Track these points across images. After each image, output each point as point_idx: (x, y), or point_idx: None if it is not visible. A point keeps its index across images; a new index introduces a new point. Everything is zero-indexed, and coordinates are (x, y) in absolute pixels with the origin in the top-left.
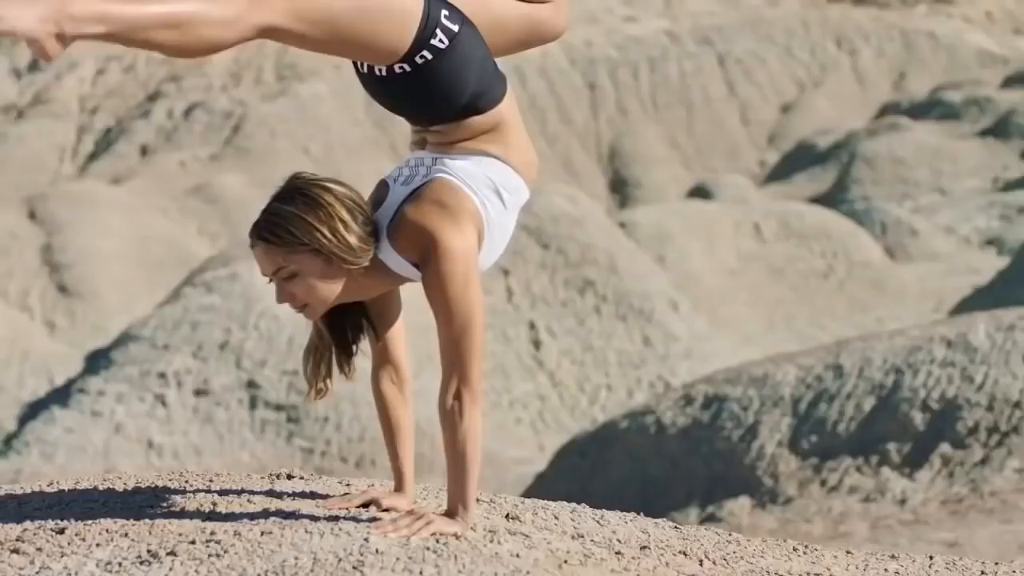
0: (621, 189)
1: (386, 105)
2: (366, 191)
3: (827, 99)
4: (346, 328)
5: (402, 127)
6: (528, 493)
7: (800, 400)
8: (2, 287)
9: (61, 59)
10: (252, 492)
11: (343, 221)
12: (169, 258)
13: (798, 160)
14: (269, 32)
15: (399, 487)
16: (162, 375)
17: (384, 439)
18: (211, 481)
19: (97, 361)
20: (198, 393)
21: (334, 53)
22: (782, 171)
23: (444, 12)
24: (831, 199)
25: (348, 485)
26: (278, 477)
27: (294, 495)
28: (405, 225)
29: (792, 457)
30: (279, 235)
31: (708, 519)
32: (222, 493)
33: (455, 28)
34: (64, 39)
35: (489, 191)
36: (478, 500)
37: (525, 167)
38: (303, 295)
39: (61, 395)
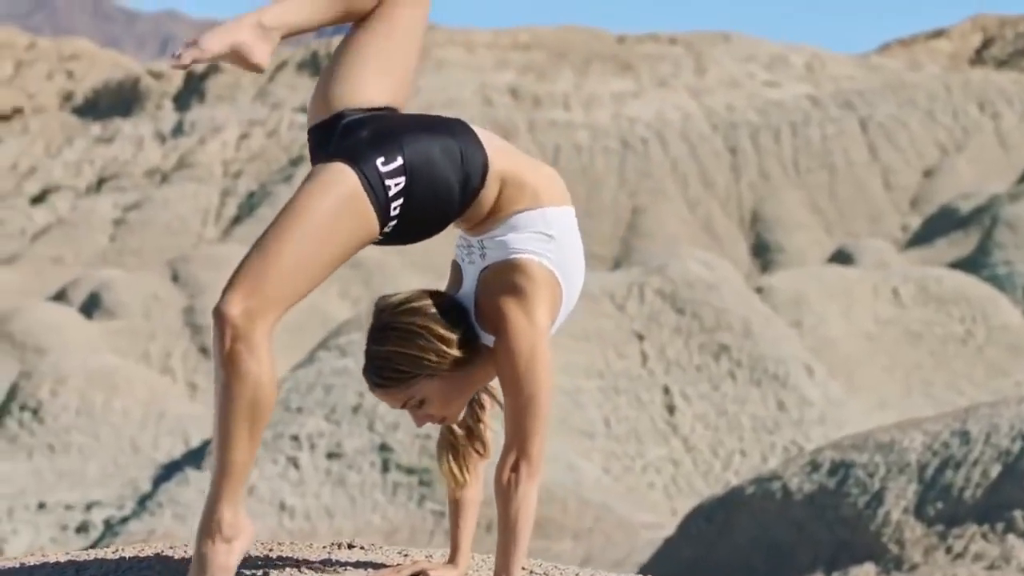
0: (763, 254)
1: (407, 244)
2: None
3: (969, 163)
4: (472, 409)
5: None
6: (657, 557)
7: (926, 466)
8: (144, 349)
9: (206, 123)
10: (308, 562)
11: (443, 339)
12: (310, 322)
13: (940, 224)
14: (282, 314)
15: (452, 558)
16: (295, 437)
17: (448, 507)
18: (271, 550)
19: None
20: (331, 456)
21: (336, 267)
22: (924, 235)
23: (379, 159)
24: (973, 263)
25: (406, 556)
26: (339, 547)
27: (347, 565)
28: (481, 307)
29: (917, 524)
30: (391, 377)
31: None
32: (278, 561)
33: (399, 162)
34: None
35: (541, 243)
36: (532, 572)
37: (553, 194)
38: (438, 412)
39: (195, 457)
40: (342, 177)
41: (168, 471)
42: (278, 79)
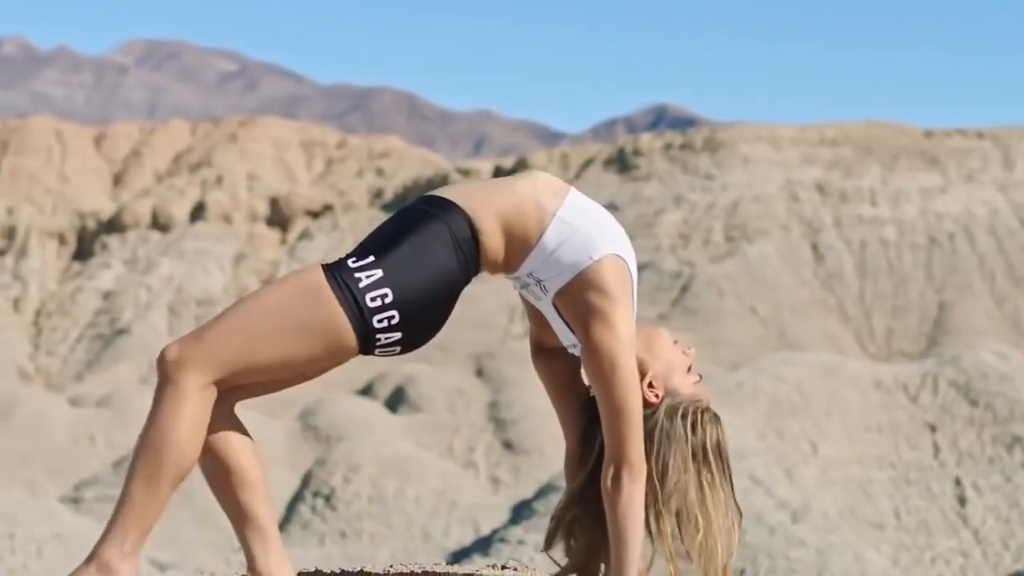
0: None
1: (441, 327)
2: (812, 346)
3: None
4: None
5: (851, 289)
6: None
7: None
8: (448, 442)
9: None
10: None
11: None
12: None
13: None
14: (224, 376)
15: None
16: None
17: None
18: None
19: (521, 511)
20: None
21: (298, 352)
22: None
23: (350, 260)
24: None
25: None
26: (493, 567)
27: None
28: (575, 330)
29: None
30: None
31: None
32: None
33: (369, 259)
34: None
35: (581, 246)
36: None
37: (553, 195)
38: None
39: (484, 544)
40: (306, 269)
41: (456, 558)
42: (585, 175)
